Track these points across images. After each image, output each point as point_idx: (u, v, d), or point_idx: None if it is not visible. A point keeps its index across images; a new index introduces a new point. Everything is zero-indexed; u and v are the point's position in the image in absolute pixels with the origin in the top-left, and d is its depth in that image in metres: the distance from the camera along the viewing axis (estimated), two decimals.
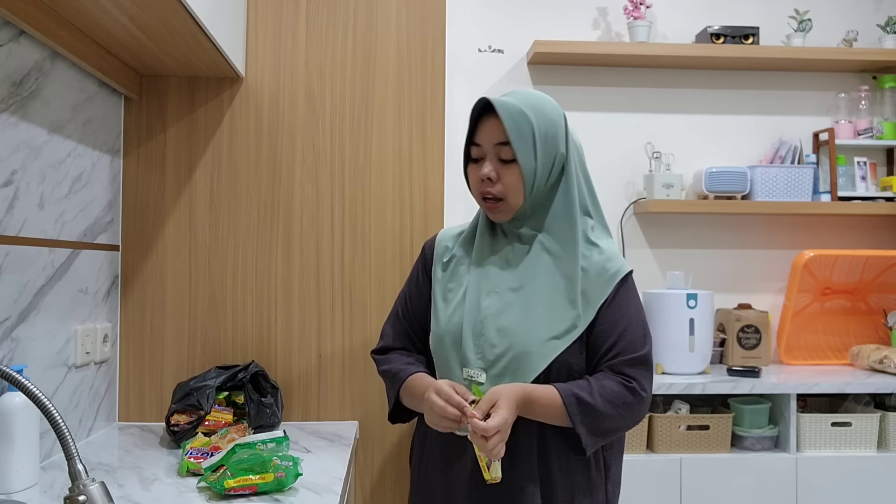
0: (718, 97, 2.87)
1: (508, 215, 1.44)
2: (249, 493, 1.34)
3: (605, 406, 1.34)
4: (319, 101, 2.06)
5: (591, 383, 1.36)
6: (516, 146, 1.38)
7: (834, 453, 2.33)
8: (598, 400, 1.33)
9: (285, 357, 2.03)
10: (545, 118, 1.41)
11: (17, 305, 1.45)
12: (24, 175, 1.47)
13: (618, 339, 1.38)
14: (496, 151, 1.41)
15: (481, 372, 1.39)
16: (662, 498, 2.25)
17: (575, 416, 1.33)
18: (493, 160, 1.42)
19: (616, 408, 1.35)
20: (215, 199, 2.02)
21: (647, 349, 1.40)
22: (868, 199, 2.76)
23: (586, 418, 1.33)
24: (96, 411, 1.83)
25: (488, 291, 1.44)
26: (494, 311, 1.41)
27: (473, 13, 2.78)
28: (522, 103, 1.40)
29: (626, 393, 1.36)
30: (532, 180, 1.40)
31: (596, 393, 1.34)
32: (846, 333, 2.80)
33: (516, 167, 1.39)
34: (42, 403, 0.91)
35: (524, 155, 1.38)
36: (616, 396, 1.35)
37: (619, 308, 1.40)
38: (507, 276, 1.44)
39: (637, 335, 1.40)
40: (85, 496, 0.89)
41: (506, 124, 1.37)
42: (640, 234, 2.83)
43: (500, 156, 1.41)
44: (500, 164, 1.41)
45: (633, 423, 1.41)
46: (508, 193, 1.41)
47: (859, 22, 2.90)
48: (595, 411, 1.33)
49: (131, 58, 1.83)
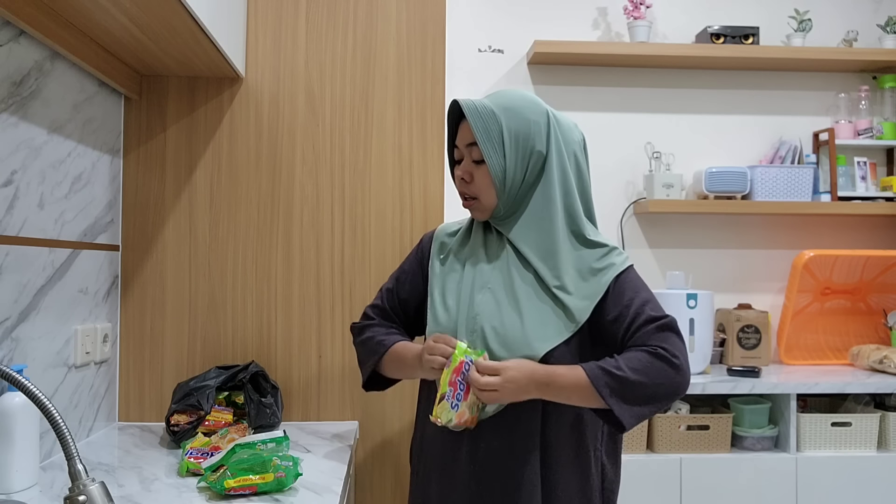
0: (718, 97, 2.87)
1: (486, 214, 1.47)
2: (249, 493, 1.34)
3: (635, 374, 1.29)
4: (319, 101, 2.06)
5: (615, 357, 1.34)
6: (483, 147, 1.40)
7: (834, 453, 2.33)
8: (627, 371, 1.29)
9: (285, 357, 2.03)
10: (519, 118, 1.41)
11: (17, 305, 1.45)
12: (24, 175, 1.47)
13: (635, 315, 1.35)
14: (468, 152, 1.44)
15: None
16: (662, 498, 2.25)
17: (603, 388, 1.29)
18: (467, 161, 1.45)
19: (646, 375, 1.29)
20: (215, 199, 2.02)
21: (668, 317, 1.36)
22: (868, 199, 2.77)
23: (615, 389, 1.29)
24: (96, 411, 1.83)
25: (480, 287, 1.45)
26: (488, 309, 1.42)
27: (473, 13, 2.78)
28: (495, 104, 1.42)
29: (653, 359, 1.30)
30: (502, 180, 1.41)
31: (623, 364, 1.31)
32: (846, 333, 2.80)
33: (483, 168, 1.42)
34: (42, 403, 0.91)
35: (491, 155, 1.40)
36: (644, 364, 1.30)
37: (626, 292, 1.38)
38: (496, 273, 1.45)
39: (654, 307, 1.37)
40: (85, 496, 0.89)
41: (472, 126, 1.40)
42: (640, 234, 2.83)
43: (472, 156, 1.44)
44: (473, 165, 1.44)
45: (671, 393, 1.33)
46: (480, 193, 1.44)
47: (859, 22, 2.90)
48: (624, 380, 1.29)
49: (131, 58, 1.83)
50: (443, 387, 1.34)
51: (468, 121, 1.40)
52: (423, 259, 1.60)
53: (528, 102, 1.43)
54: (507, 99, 1.43)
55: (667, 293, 2.45)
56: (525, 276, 1.42)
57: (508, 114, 1.41)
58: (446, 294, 1.49)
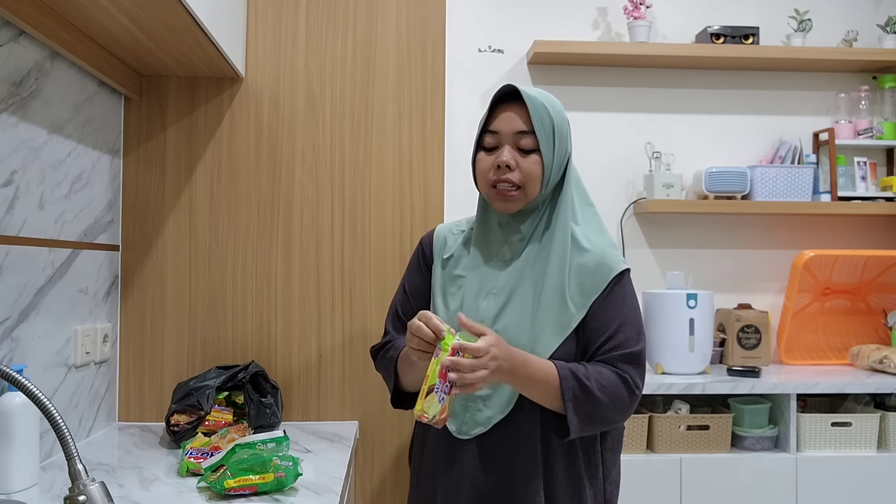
0: (718, 97, 2.87)
1: (521, 205, 1.42)
2: (249, 493, 1.34)
3: (600, 390, 1.33)
4: (319, 100, 2.06)
5: (587, 367, 1.35)
6: (540, 136, 1.39)
7: (834, 453, 2.33)
8: (594, 383, 1.33)
9: (285, 357, 2.03)
10: (560, 116, 1.43)
11: (17, 305, 1.45)
12: (24, 175, 1.47)
13: (613, 334, 1.38)
14: (515, 140, 1.40)
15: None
16: (662, 498, 2.25)
17: (567, 391, 1.32)
18: (510, 149, 1.40)
19: (609, 396, 1.34)
20: (215, 199, 2.02)
21: (640, 346, 1.39)
22: (868, 199, 2.76)
23: (578, 397, 1.32)
24: (96, 411, 1.83)
25: (486, 293, 1.43)
26: (493, 313, 1.41)
27: (473, 13, 2.78)
28: (542, 97, 1.41)
29: (620, 384, 1.35)
30: (549, 173, 1.41)
31: (592, 376, 1.34)
32: (846, 333, 2.80)
33: (536, 157, 1.40)
34: (42, 403, 0.91)
35: (546, 146, 1.39)
36: (611, 385, 1.34)
37: (615, 304, 1.40)
38: (504, 276, 1.44)
39: (631, 333, 1.39)
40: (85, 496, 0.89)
41: (532, 114, 1.38)
42: (640, 234, 2.83)
43: (519, 144, 1.40)
44: (519, 153, 1.40)
45: (621, 418, 1.39)
46: (527, 181, 1.40)
47: (859, 22, 2.90)
48: (589, 393, 1.32)
49: (131, 58, 1.83)
50: (431, 378, 1.22)
51: (529, 108, 1.38)
52: (427, 260, 1.57)
53: (559, 103, 1.45)
54: (548, 95, 1.43)
55: (667, 293, 2.45)
56: (534, 274, 1.42)
57: (554, 109, 1.41)
58: (448, 298, 1.48)
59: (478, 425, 1.40)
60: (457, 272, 1.49)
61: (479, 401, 1.40)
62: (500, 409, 1.39)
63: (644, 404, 2.41)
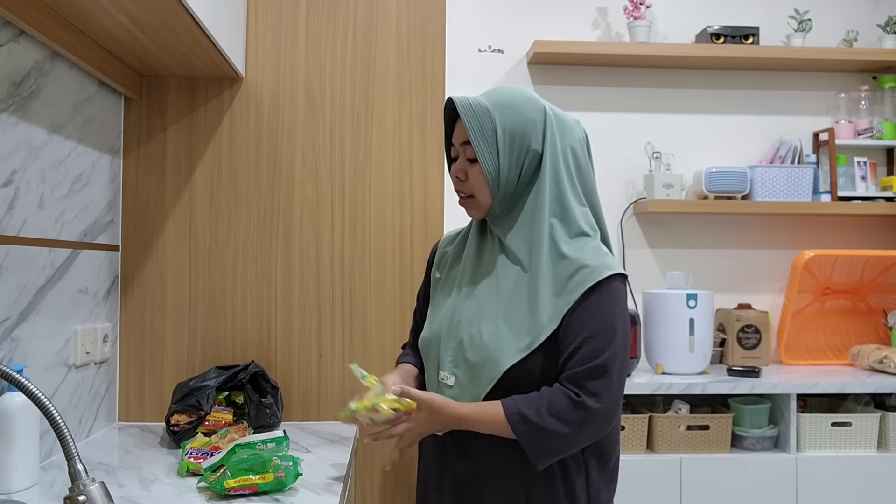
0: (718, 97, 2.87)
1: (481, 213, 1.44)
2: (249, 493, 1.34)
3: (553, 423, 1.28)
4: (319, 100, 2.06)
5: (539, 398, 1.30)
6: (476, 145, 1.36)
7: (834, 453, 2.33)
8: (546, 417, 1.28)
9: (285, 357, 2.03)
10: (515, 115, 1.37)
11: (17, 305, 1.45)
12: (24, 175, 1.47)
13: (578, 347, 1.31)
14: (463, 150, 1.42)
15: (451, 375, 1.39)
16: (662, 498, 2.25)
17: (521, 435, 1.29)
18: (461, 159, 1.43)
19: (565, 424, 1.28)
20: (215, 199, 2.02)
21: (606, 356, 1.30)
22: (868, 199, 2.76)
23: (532, 436, 1.29)
24: (96, 411, 1.83)
25: (468, 294, 1.43)
26: (469, 315, 1.40)
27: (473, 13, 2.78)
28: (490, 101, 1.38)
29: (572, 408, 1.28)
30: (496, 179, 1.38)
31: (544, 409, 1.29)
32: (846, 333, 2.80)
33: (477, 167, 1.39)
34: (42, 403, 0.91)
35: (483, 154, 1.37)
36: (565, 412, 1.28)
37: (588, 314, 1.32)
38: (485, 279, 1.43)
39: (600, 344, 1.30)
40: (85, 496, 0.89)
41: (465, 123, 1.37)
42: (640, 234, 2.83)
43: (467, 155, 1.41)
44: (468, 164, 1.42)
45: (591, 436, 1.33)
46: (475, 192, 1.41)
47: (859, 22, 2.90)
48: (542, 429, 1.28)
49: (131, 58, 1.83)
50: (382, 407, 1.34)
51: (461, 118, 1.38)
52: (430, 267, 1.61)
53: (526, 99, 1.40)
54: (504, 96, 1.40)
55: (667, 293, 2.45)
56: (511, 280, 1.38)
57: (503, 111, 1.37)
58: (439, 303, 1.49)
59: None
60: (451, 275, 1.51)
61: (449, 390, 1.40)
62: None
63: (644, 404, 2.41)
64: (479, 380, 1.35)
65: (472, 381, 1.37)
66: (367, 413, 1.33)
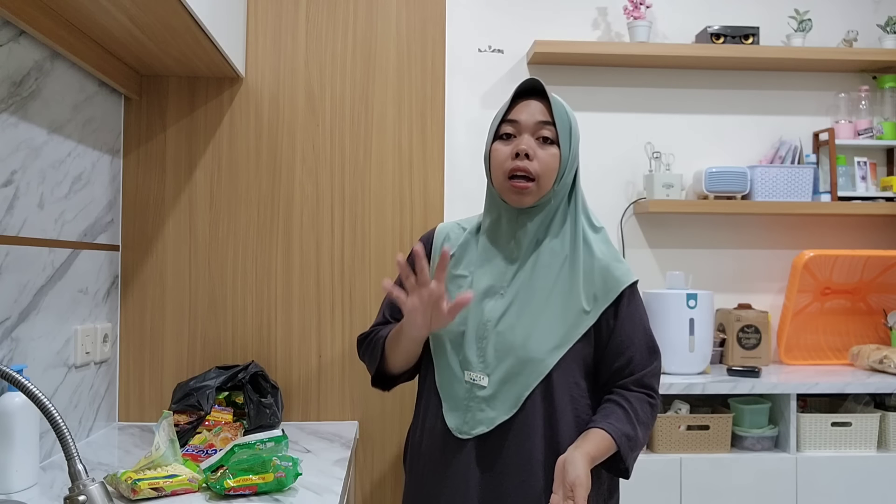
0: (718, 97, 2.87)
1: (534, 199, 1.40)
2: (249, 493, 1.34)
3: (643, 432, 1.39)
4: (319, 100, 2.06)
5: (629, 413, 1.37)
6: (560, 129, 1.39)
7: (834, 453, 2.33)
8: (640, 430, 1.38)
9: (285, 357, 2.03)
10: (575, 122, 1.45)
11: (17, 305, 1.45)
12: (24, 175, 1.47)
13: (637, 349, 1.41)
14: (536, 129, 1.40)
15: (484, 376, 1.38)
16: (662, 498, 2.25)
17: (628, 456, 1.36)
18: (529, 139, 1.40)
19: (647, 428, 1.41)
20: (215, 199, 2.02)
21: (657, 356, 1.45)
22: (868, 199, 2.76)
23: (634, 451, 1.38)
24: (96, 411, 1.83)
25: (492, 293, 1.43)
26: (497, 314, 1.40)
27: (473, 13, 2.78)
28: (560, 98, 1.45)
29: (651, 410, 1.42)
30: (564, 167, 1.41)
31: (635, 421, 1.37)
32: (846, 333, 2.80)
33: (554, 150, 1.40)
34: (42, 403, 0.91)
35: (564, 140, 1.40)
36: (648, 417, 1.41)
37: (632, 320, 1.42)
38: (510, 276, 1.42)
39: (650, 343, 1.44)
40: (85, 496, 0.89)
41: (554, 107, 1.40)
42: (640, 234, 2.83)
43: (539, 134, 1.40)
44: (540, 143, 1.40)
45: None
46: (543, 173, 1.38)
47: (859, 22, 2.90)
48: (638, 442, 1.38)
49: (131, 58, 1.83)
50: None
51: (551, 102, 1.40)
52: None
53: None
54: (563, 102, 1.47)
55: (667, 293, 2.45)
56: (547, 276, 1.41)
57: (572, 115, 1.44)
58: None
59: (479, 424, 1.38)
60: (458, 272, 1.48)
61: (483, 402, 1.38)
62: (505, 411, 1.37)
63: None
64: (520, 378, 1.37)
65: (512, 381, 1.37)
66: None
